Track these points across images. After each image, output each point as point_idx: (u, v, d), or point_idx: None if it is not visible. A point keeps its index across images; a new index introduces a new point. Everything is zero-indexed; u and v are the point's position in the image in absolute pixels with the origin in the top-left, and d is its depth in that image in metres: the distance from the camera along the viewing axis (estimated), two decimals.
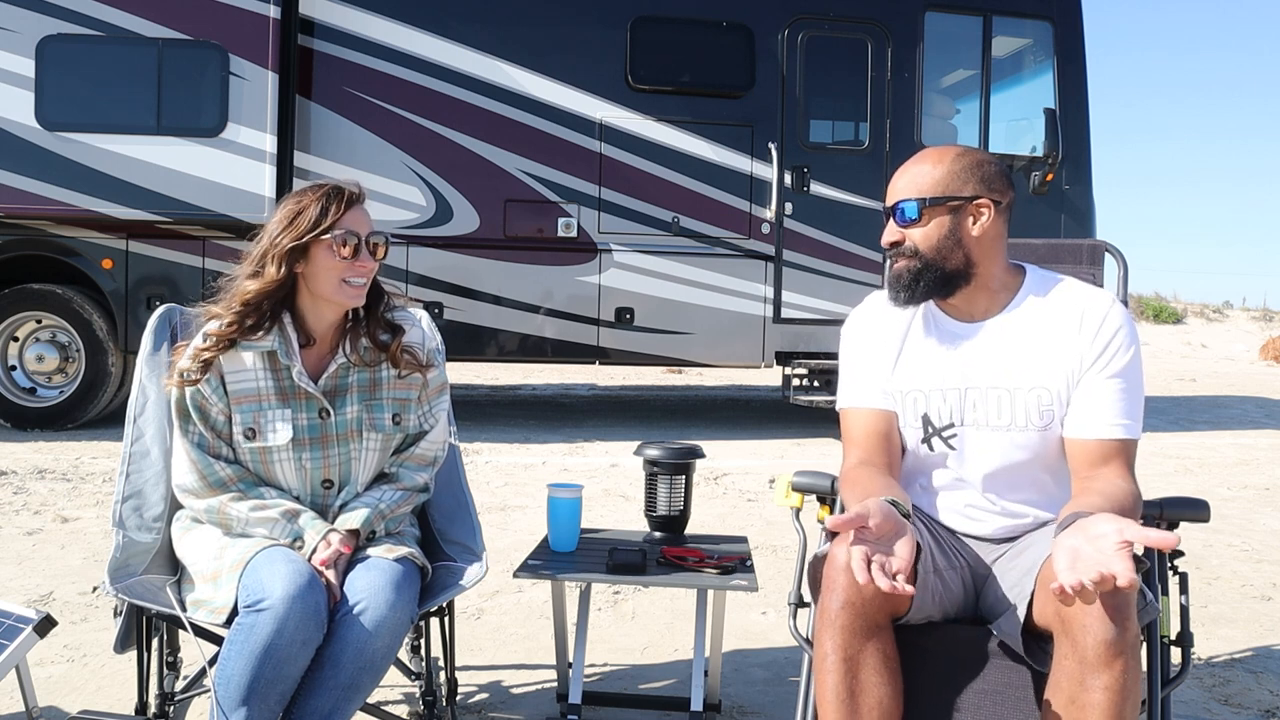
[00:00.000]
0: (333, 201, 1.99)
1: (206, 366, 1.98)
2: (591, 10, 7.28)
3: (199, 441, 2.00)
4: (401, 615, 1.84)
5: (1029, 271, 1.94)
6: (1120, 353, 1.82)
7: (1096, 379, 1.82)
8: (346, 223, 1.99)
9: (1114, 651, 1.52)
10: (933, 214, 1.86)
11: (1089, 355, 1.83)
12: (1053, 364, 1.85)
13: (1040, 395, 1.85)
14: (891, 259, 1.93)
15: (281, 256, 1.96)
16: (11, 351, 7.10)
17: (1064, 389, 1.84)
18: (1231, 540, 4.59)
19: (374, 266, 2.03)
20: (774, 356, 7.40)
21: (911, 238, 1.88)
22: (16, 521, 4.46)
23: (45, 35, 6.70)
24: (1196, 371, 15.58)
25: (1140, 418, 1.84)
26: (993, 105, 7.55)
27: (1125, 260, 2.35)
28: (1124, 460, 1.80)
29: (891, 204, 1.91)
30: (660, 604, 3.45)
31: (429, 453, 2.17)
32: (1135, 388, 1.84)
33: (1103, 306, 1.85)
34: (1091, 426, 1.82)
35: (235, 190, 6.75)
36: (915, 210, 1.87)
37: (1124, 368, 1.82)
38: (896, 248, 1.91)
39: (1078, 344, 1.84)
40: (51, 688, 2.62)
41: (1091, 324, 1.84)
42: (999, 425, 1.87)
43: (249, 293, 1.97)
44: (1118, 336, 1.83)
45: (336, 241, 1.97)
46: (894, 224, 1.91)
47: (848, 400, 2.01)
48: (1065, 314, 1.86)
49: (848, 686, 1.64)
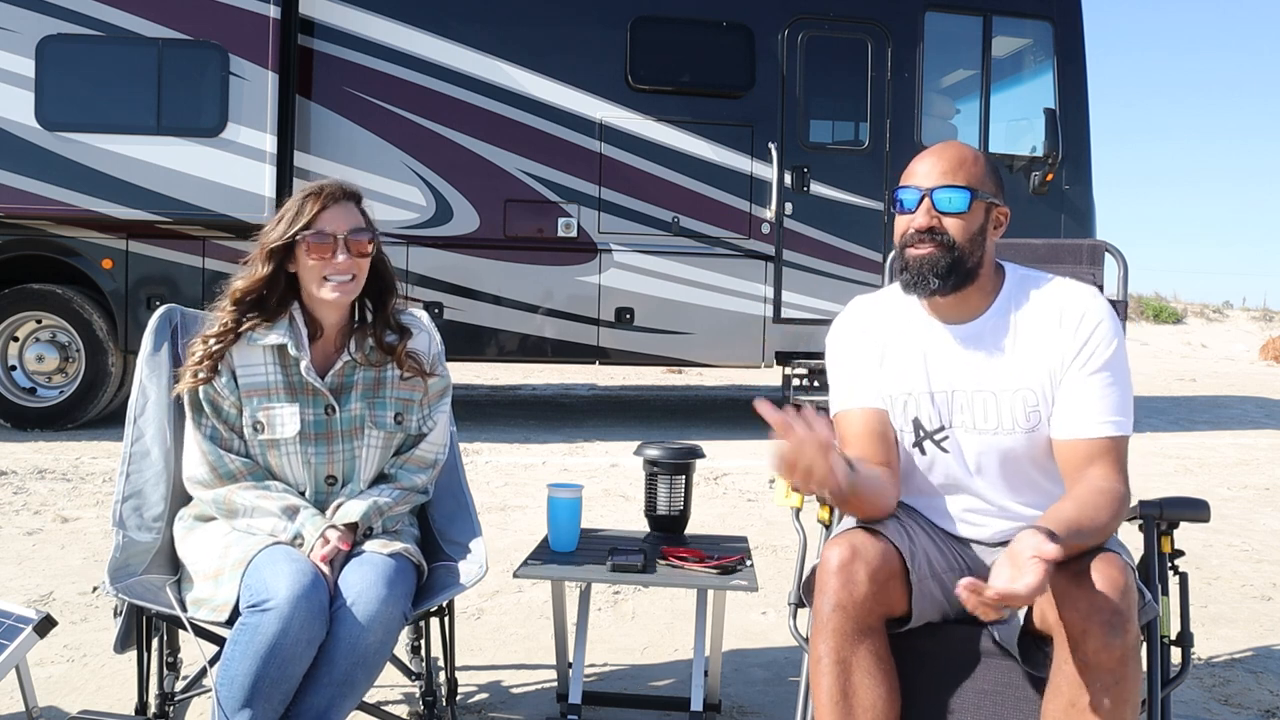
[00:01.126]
0: (309, 201, 2.02)
1: (212, 366, 2.00)
2: (591, 10, 7.27)
3: (211, 434, 2.02)
4: (394, 610, 1.84)
5: (1008, 271, 1.90)
6: (1102, 347, 1.78)
7: (1078, 376, 1.78)
8: (322, 222, 2.01)
9: (1115, 655, 1.51)
10: (978, 208, 1.80)
11: (1069, 351, 1.78)
12: (1035, 364, 1.81)
13: (1025, 397, 1.81)
14: (911, 245, 1.82)
15: (266, 254, 2.02)
16: (11, 351, 7.10)
17: (1048, 388, 1.80)
18: (1231, 540, 4.59)
19: (351, 265, 2.03)
20: (774, 356, 7.39)
21: (949, 226, 1.80)
22: (16, 521, 4.46)
23: (45, 35, 6.69)
24: (1196, 371, 15.58)
25: (1129, 413, 1.78)
26: (993, 105, 7.55)
27: (1125, 260, 2.35)
28: (1112, 459, 1.75)
29: (931, 187, 1.80)
30: (660, 604, 3.45)
31: (428, 455, 2.17)
32: (1120, 383, 1.78)
33: (1082, 301, 1.81)
34: (1075, 426, 1.77)
35: (235, 190, 6.75)
36: (966, 200, 1.79)
37: (1106, 362, 1.77)
38: (928, 234, 1.80)
39: (1058, 340, 1.79)
40: (51, 688, 2.62)
41: (1071, 319, 1.79)
42: (986, 429, 1.84)
43: (236, 290, 2.03)
44: (1098, 331, 1.78)
45: (311, 240, 1.99)
46: (930, 208, 1.80)
47: (840, 404, 1.95)
48: (1045, 311, 1.82)
49: (841, 688, 1.65)
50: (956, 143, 1.88)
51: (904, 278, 1.84)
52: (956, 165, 1.81)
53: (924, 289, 1.82)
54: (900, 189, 1.85)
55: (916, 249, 1.81)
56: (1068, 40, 7.56)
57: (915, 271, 1.81)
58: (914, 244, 1.82)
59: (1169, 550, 1.96)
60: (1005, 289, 1.87)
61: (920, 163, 1.85)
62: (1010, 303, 1.86)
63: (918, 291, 1.83)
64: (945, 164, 1.81)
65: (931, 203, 1.80)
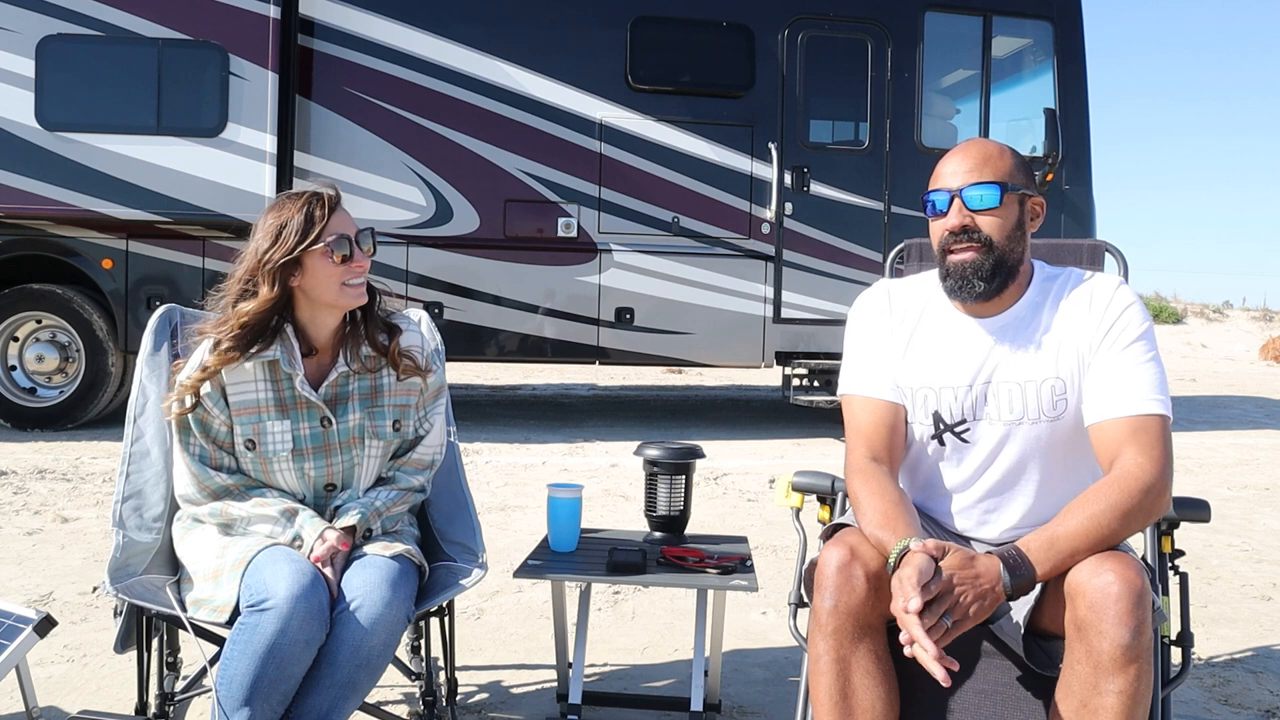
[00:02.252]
0: (316, 209, 1.97)
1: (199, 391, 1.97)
2: (591, 10, 7.27)
3: (199, 455, 2.00)
4: (397, 612, 1.84)
5: (1035, 265, 1.89)
6: (1129, 328, 1.75)
7: (1109, 355, 1.75)
8: (334, 227, 1.98)
9: (1129, 656, 1.51)
10: (1010, 201, 1.77)
11: (1099, 333, 1.76)
12: (1064, 350, 1.79)
13: (1054, 385, 1.80)
14: (950, 249, 1.79)
15: (274, 273, 1.94)
16: (11, 351, 7.10)
17: (1076, 373, 1.78)
18: (1231, 540, 4.59)
19: (368, 264, 2.04)
20: (774, 356, 7.40)
21: (984, 225, 1.76)
22: (16, 521, 4.46)
23: (45, 35, 6.69)
24: (1196, 371, 15.58)
25: (1163, 393, 1.72)
26: (993, 105, 7.55)
27: (1125, 260, 2.35)
28: (1147, 440, 1.67)
29: (959, 186, 1.78)
30: (660, 604, 3.45)
31: (425, 456, 2.17)
32: (1150, 362, 1.74)
33: (1110, 286, 1.81)
34: (1108, 405, 1.72)
35: (235, 190, 6.75)
36: (997, 196, 1.75)
37: (1134, 342, 1.74)
38: (964, 235, 1.77)
39: (1087, 323, 1.78)
40: (51, 688, 2.62)
41: (1101, 301, 1.78)
42: (1010, 419, 1.83)
43: (245, 314, 1.94)
44: (1128, 312, 1.76)
45: (331, 248, 1.96)
46: (961, 207, 1.77)
47: (855, 387, 1.91)
48: (1074, 298, 1.81)
49: (840, 689, 1.65)
50: (980, 139, 1.84)
51: (948, 284, 1.82)
52: (982, 161, 1.78)
53: (969, 294, 1.79)
54: (930, 193, 1.82)
55: (957, 254, 1.79)
56: (1068, 40, 7.57)
57: (959, 277, 1.79)
58: (953, 248, 1.79)
59: (1169, 550, 1.96)
60: (1034, 281, 1.86)
61: (946, 163, 1.82)
62: (1039, 295, 1.85)
63: (962, 297, 1.81)
64: (971, 161, 1.78)
65: (962, 202, 1.77)
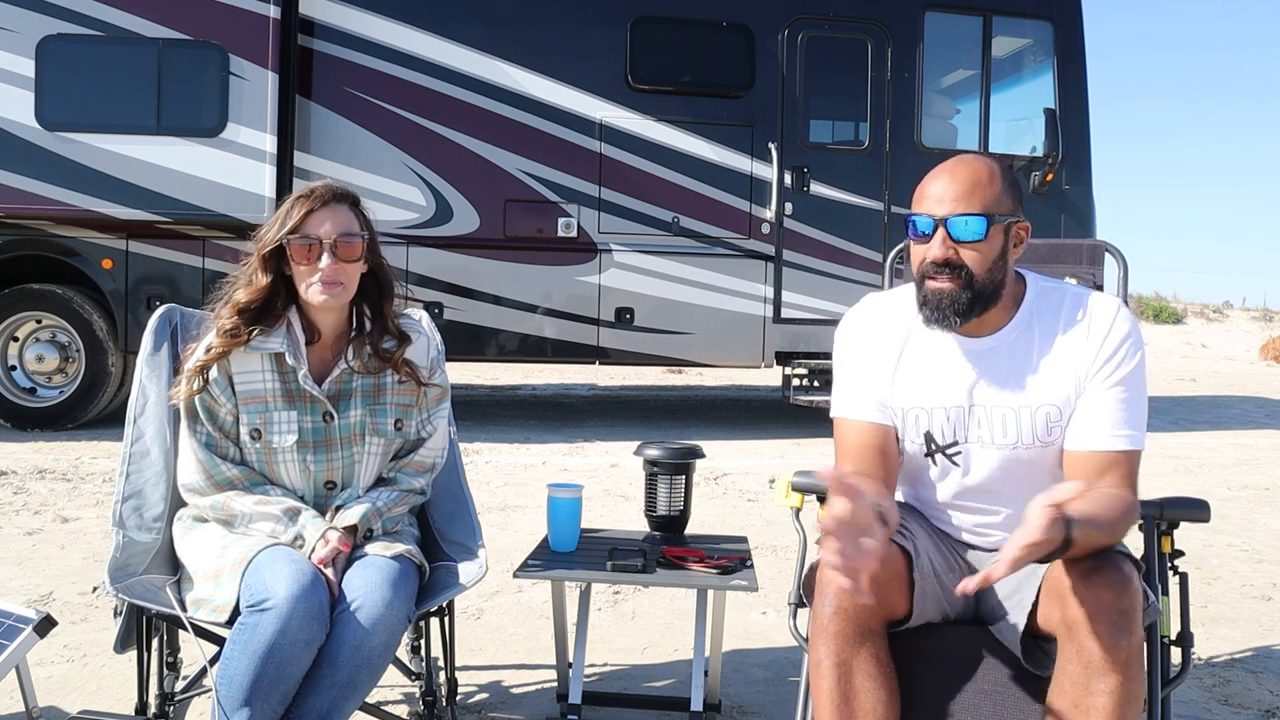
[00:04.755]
0: (297, 204, 2.00)
1: (207, 373, 1.99)
2: (591, 10, 7.27)
3: (206, 442, 2.02)
4: (398, 613, 1.84)
5: (1029, 281, 1.84)
6: (1125, 360, 1.74)
7: (1098, 388, 1.74)
8: (309, 225, 1.99)
9: (1120, 656, 1.51)
10: (995, 233, 1.72)
11: (1095, 363, 1.74)
12: (1061, 377, 1.76)
13: (1049, 413, 1.77)
14: (930, 276, 1.75)
15: (262, 261, 2.00)
16: (11, 351, 7.10)
17: (1072, 399, 1.76)
18: (1231, 540, 4.59)
19: (336, 270, 1.99)
20: (774, 356, 7.39)
21: (967, 258, 1.71)
22: (16, 521, 4.46)
23: (45, 35, 6.69)
24: (1196, 371, 15.58)
25: (1142, 428, 1.74)
26: (993, 105, 7.55)
27: (1125, 260, 2.35)
28: (1122, 472, 1.70)
29: (945, 215, 1.71)
30: (660, 604, 3.45)
31: (427, 459, 2.18)
32: (1136, 397, 1.74)
33: (1109, 313, 1.76)
34: (1088, 438, 1.73)
35: (235, 190, 6.75)
36: (983, 229, 1.70)
37: (1127, 376, 1.73)
38: (945, 266, 1.72)
39: (1085, 351, 1.75)
40: (51, 688, 2.62)
41: (1099, 331, 1.75)
42: (1004, 443, 1.80)
43: (240, 300, 2.00)
44: (1125, 345, 1.74)
45: (295, 244, 1.98)
46: (945, 238, 1.72)
47: (842, 410, 1.89)
48: (1070, 324, 1.77)
49: (841, 692, 1.65)
50: (969, 159, 1.77)
51: (924, 312, 1.78)
52: (970, 188, 1.71)
53: (945, 324, 1.75)
54: (914, 215, 1.76)
55: (935, 282, 1.74)
56: (1068, 40, 7.57)
57: (934, 307, 1.75)
58: (933, 275, 1.74)
59: (1169, 550, 1.95)
60: (1027, 301, 1.81)
61: (933, 184, 1.75)
62: (1033, 316, 1.80)
63: (939, 326, 1.77)
64: (959, 187, 1.71)
65: (947, 232, 1.71)
